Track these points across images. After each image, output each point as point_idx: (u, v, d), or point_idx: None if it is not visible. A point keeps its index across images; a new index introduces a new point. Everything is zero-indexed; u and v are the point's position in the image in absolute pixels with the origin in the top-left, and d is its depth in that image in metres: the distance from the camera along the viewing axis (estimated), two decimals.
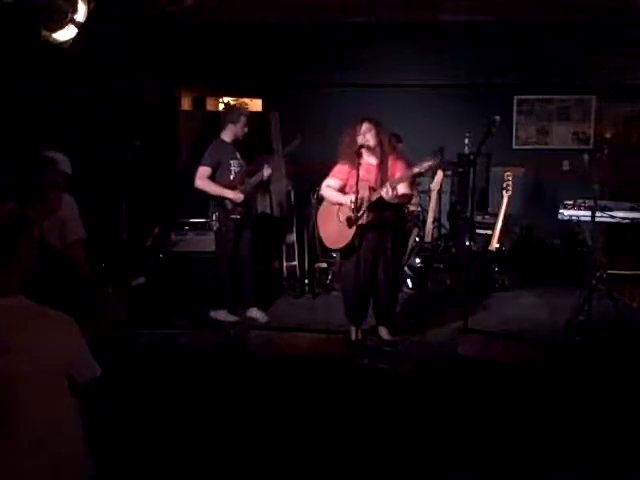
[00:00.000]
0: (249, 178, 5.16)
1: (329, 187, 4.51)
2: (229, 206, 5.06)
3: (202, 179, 5.03)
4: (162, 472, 3.08)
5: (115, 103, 5.76)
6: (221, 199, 5.06)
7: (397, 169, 4.38)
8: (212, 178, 5.06)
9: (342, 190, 4.48)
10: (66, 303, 2.07)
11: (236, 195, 5.03)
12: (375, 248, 4.41)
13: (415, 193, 6.31)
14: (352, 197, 4.22)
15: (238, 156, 5.17)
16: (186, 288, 5.51)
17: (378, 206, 4.29)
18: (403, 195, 4.34)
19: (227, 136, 5.15)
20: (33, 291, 2.02)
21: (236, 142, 5.19)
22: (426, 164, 4.10)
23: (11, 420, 1.90)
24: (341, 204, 4.44)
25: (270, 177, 5.35)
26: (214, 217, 5.12)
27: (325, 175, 4.63)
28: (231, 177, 5.09)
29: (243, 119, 5.17)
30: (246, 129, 5.18)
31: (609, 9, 5.97)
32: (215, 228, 5.16)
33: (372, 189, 4.27)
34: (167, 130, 7.02)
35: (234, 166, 5.11)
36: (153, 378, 3.75)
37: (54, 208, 3.20)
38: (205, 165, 5.04)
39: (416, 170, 4.15)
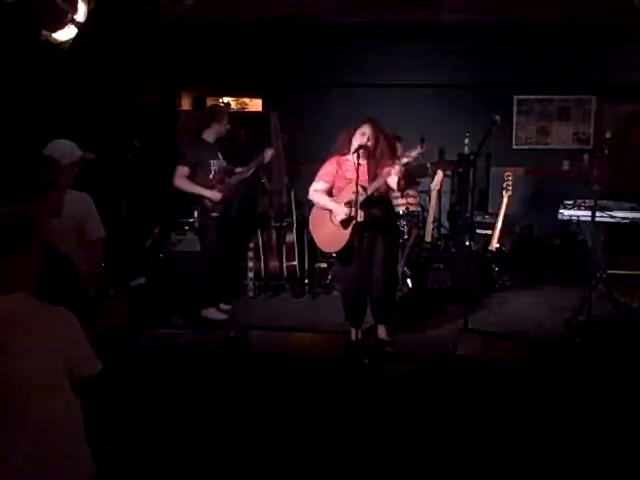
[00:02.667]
0: (229, 177, 5.24)
1: (317, 192, 4.51)
2: (208, 204, 5.12)
3: (180, 178, 5.08)
4: (162, 472, 3.08)
5: (115, 103, 5.76)
6: (200, 198, 5.12)
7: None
8: (191, 177, 5.10)
9: (329, 192, 4.50)
10: (68, 304, 2.07)
11: (214, 194, 5.09)
12: (369, 247, 4.41)
13: (415, 193, 6.33)
14: (344, 201, 4.30)
15: (220, 156, 5.24)
16: (186, 288, 5.51)
17: (369, 204, 4.30)
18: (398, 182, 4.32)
19: (210, 136, 5.21)
20: (36, 291, 2.02)
21: (219, 141, 5.27)
22: (414, 153, 4.15)
23: (11, 418, 1.90)
24: (332, 210, 4.44)
25: (264, 166, 5.57)
26: (195, 214, 5.24)
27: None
28: (210, 176, 5.14)
29: (226, 118, 5.29)
30: (228, 126, 5.31)
31: (609, 9, 5.97)
32: (196, 226, 5.23)
33: (363, 187, 4.27)
34: (167, 130, 7.02)
35: (214, 166, 5.16)
36: (153, 378, 3.75)
37: (56, 208, 3.19)
38: (183, 164, 5.09)
39: (404, 160, 4.17)
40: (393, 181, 4.27)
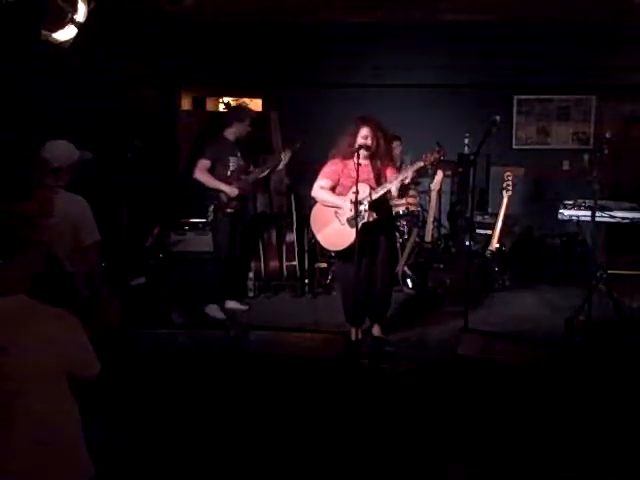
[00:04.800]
0: (246, 175, 5.29)
1: (322, 188, 4.51)
2: (224, 199, 5.18)
3: (201, 171, 5.19)
4: (162, 472, 3.08)
5: (115, 103, 5.76)
6: (217, 192, 5.18)
7: (388, 172, 4.44)
8: (210, 172, 5.20)
9: (333, 190, 4.51)
10: (60, 306, 2.06)
11: (231, 189, 5.17)
12: (372, 247, 4.43)
13: (415, 193, 6.33)
14: (351, 198, 4.25)
15: (238, 154, 5.31)
16: (186, 288, 5.51)
17: (376, 205, 4.32)
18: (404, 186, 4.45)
19: (230, 134, 5.30)
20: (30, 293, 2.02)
21: (238, 141, 5.32)
22: (432, 157, 4.26)
23: (11, 419, 1.90)
24: (339, 207, 4.44)
25: (273, 173, 5.57)
26: (210, 210, 5.24)
27: None
28: (228, 173, 5.24)
29: (248, 119, 5.34)
30: (249, 129, 5.35)
31: (609, 9, 5.97)
32: (209, 219, 5.27)
33: (371, 187, 4.30)
34: (167, 130, 7.03)
35: (232, 162, 5.27)
36: (153, 378, 3.75)
37: (45, 209, 3.16)
38: (204, 158, 5.21)
39: (421, 164, 4.29)
40: (395, 188, 4.31)
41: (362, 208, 4.26)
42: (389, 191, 4.35)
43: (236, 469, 3.12)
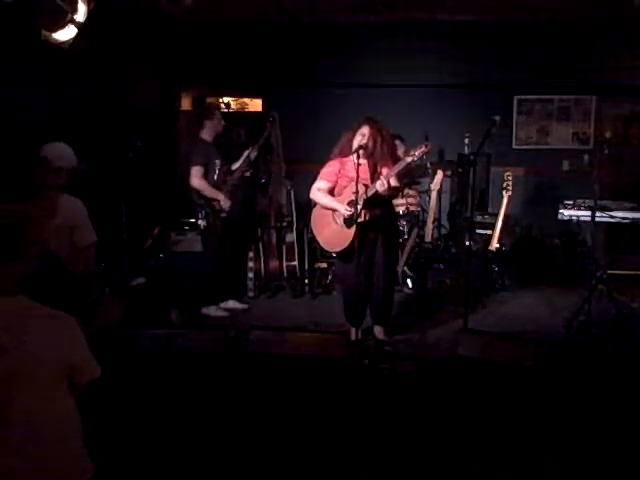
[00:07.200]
0: (231, 175, 5.27)
1: (320, 190, 4.51)
2: (217, 206, 5.17)
3: (199, 178, 5.12)
4: (162, 472, 3.08)
5: (115, 103, 5.76)
6: (211, 200, 5.15)
7: (384, 172, 4.37)
8: None
9: (331, 192, 4.50)
10: (61, 304, 2.07)
11: (225, 201, 5.15)
12: (371, 246, 4.42)
13: (415, 193, 6.33)
14: (346, 200, 4.29)
15: (218, 155, 5.27)
16: (186, 288, 5.51)
17: (372, 204, 4.31)
18: (394, 188, 4.36)
19: (208, 135, 5.25)
20: (30, 292, 2.02)
21: (216, 141, 5.28)
22: (418, 152, 4.15)
23: (10, 419, 1.90)
24: (335, 210, 4.44)
25: (255, 161, 5.51)
26: (201, 215, 5.21)
27: None
28: (215, 177, 5.19)
29: (217, 113, 5.30)
30: (223, 122, 5.30)
31: (609, 9, 5.97)
32: (202, 226, 5.24)
33: (366, 186, 4.28)
34: (167, 130, 7.03)
35: (217, 166, 5.23)
36: (153, 378, 3.75)
37: (48, 209, 3.17)
38: (198, 164, 5.13)
39: (409, 160, 4.20)
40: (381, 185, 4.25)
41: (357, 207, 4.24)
42: (377, 190, 4.23)
43: (236, 469, 3.12)
